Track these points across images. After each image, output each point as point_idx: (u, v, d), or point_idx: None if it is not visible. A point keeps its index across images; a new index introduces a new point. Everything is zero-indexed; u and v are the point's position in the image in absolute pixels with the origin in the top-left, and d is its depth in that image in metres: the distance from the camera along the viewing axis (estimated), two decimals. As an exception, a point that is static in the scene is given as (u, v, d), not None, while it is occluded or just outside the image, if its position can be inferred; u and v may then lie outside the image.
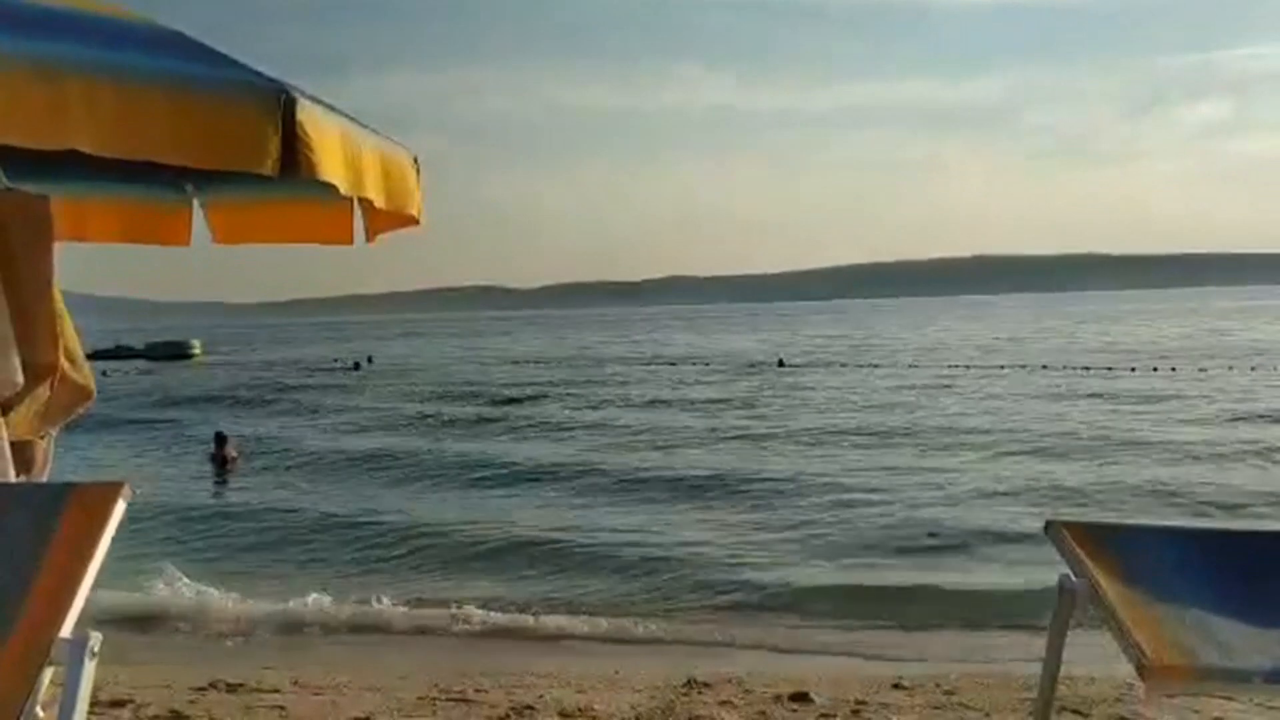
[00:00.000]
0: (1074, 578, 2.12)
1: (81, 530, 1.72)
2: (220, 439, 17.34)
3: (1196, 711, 4.74)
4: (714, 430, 20.21)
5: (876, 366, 37.70)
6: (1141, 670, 1.91)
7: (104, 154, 2.26)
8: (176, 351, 62.74)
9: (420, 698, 5.19)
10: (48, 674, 1.59)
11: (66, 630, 1.60)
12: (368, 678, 5.74)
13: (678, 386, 31.41)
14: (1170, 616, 2.01)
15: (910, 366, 36.93)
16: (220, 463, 16.82)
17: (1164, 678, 1.92)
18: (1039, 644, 2.44)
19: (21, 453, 3.20)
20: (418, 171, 3.20)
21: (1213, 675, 1.95)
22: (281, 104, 2.31)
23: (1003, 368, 34.79)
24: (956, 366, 35.65)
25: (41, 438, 3.24)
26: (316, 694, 5.37)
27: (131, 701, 4.99)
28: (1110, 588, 2.05)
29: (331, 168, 2.46)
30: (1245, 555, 2.26)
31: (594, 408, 26.09)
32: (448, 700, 5.15)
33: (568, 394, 30.16)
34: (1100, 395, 24.64)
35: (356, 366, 46.37)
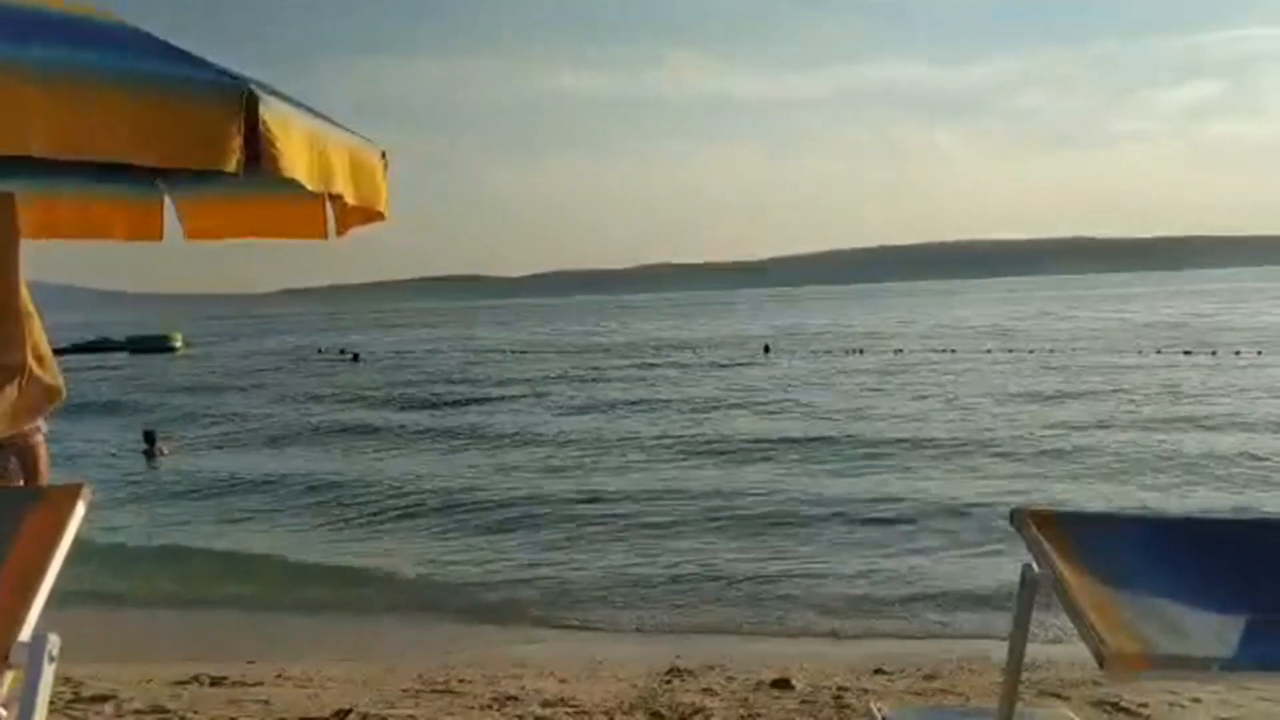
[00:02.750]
0: (1036, 566, 2.14)
1: (41, 533, 1.71)
2: (149, 436, 18.21)
3: (1174, 692, 4.79)
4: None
5: (862, 353, 37.79)
6: (1100, 658, 1.93)
7: (63, 157, 2.24)
8: (157, 344, 62.55)
9: (404, 689, 5.20)
10: (8, 677, 1.59)
11: (26, 634, 1.59)
12: (351, 670, 5.74)
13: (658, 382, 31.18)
14: (1131, 604, 2.03)
15: (897, 352, 37.03)
16: (152, 456, 17.76)
17: (1123, 666, 1.94)
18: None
19: (23, 455, 3.23)
20: (385, 166, 3.19)
21: (1171, 664, 1.97)
22: (244, 101, 2.30)
23: (989, 351, 34.96)
24: (944, 352, 35.74)
25: (44, 438, 3.27)
26: (300, 686, 5.37)
27: (114, 696, 4.99)
28: (1072, 575, 2.06)
29: (296, 165, 2.45)
30: (1208, 543, 2.28)
31: (577, 401, 26.03)
32: (431, 692, 5.16)
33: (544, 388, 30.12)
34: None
35: (356, 358, 46.25)
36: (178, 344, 63.89)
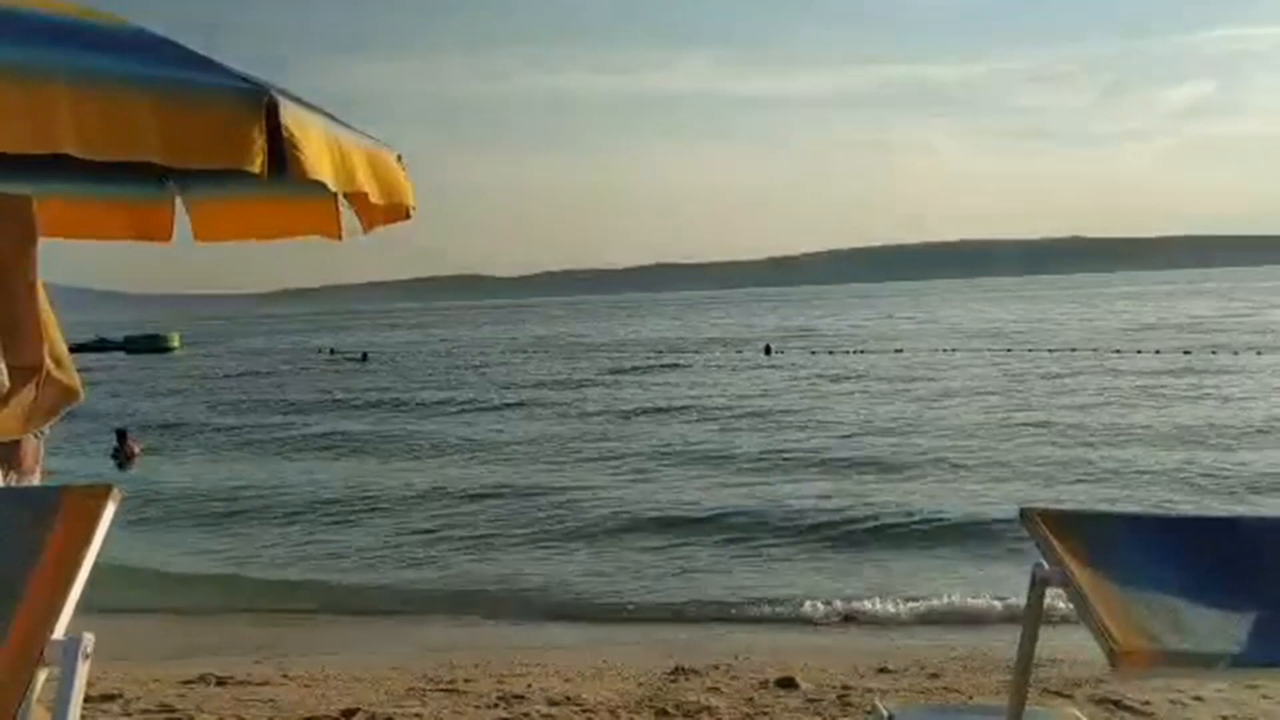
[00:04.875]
0: (1046, 565, 2.17)
1: (73, 533, 1.74)
2: (121, 435, 17.98)
3: (1178, 690, 4.82)
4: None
5: (865, 353, 37.87)
6: (1111, 655, 1.96)
7: (91, 157, 2.28)
8: (155, 345, 62.70)
9: (409, 688, 5.22)
10: (42, 675, 1.61)
11: (59, 632, 1.62)
12: (357, 669, 5.75)
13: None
14: (1139, 602, 2.05)
15: (897, 351, 37.09)
16: (123, 457, 17.49)
17: (1133, 663, 1.97)
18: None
19: (7, 452, 3.21)
20: (404, 169, 3.22)
21: (1180, 660, 2.00)
22: (265, 105, 2.34)
23: (985, 350, 35.05)
24: (948, 351, 35.82)
25: (37, 436, 3.25)
26: (306, 685, 5.38)
27: (121, 696, 5.01)
28: (1081, 574, 2.09)
29: (320, 167, 2.49)
30: (1214, 541, 2.31)
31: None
32: (437, 690, 5.17)
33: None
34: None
35: (364, 358, 46.16)
36: (175, 344, 64.00)
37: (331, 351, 52.36)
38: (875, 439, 16.69)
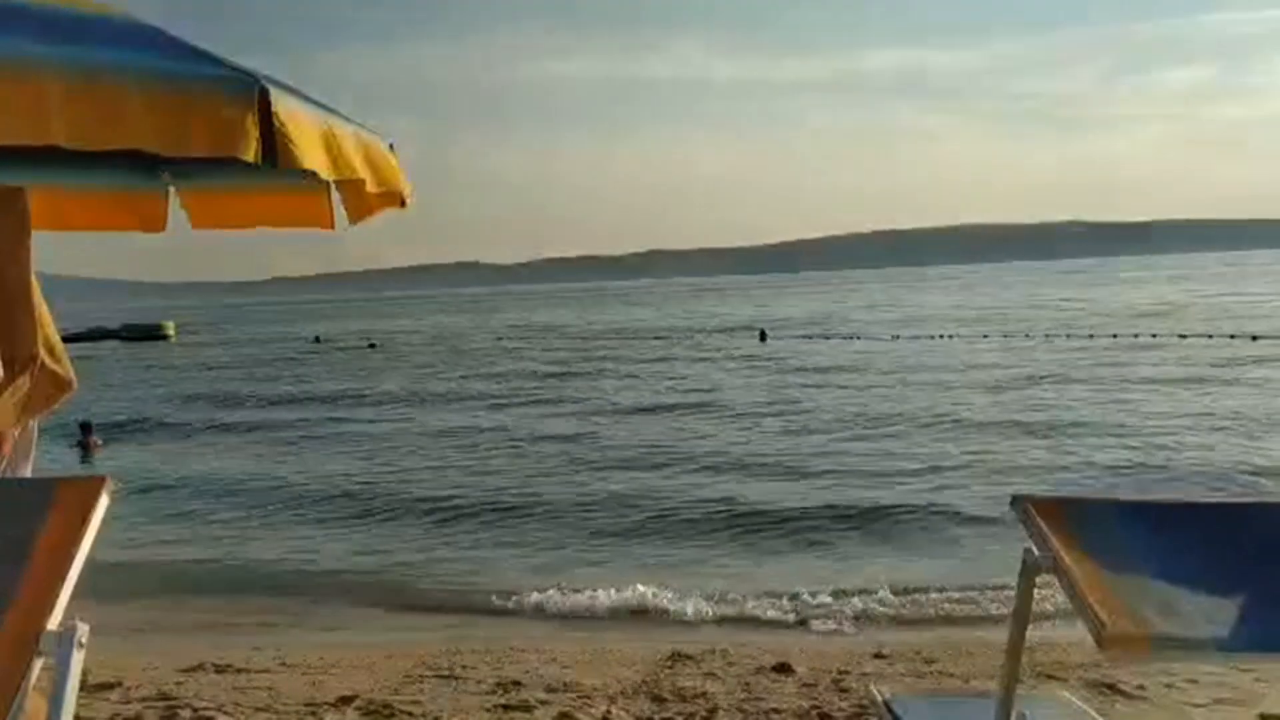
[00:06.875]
0: (1037, 551, 2.19)
1: (67, 524, 1.75)
2: (85, 428, 17.84)
3: (1171, 674, 4.85)
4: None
5: (857, 338, 37.87)
6: (1100, 640, 1.97)
7: (83, 148, 2.28)
8: (150, 333, 63.06)
9: (407, 675, 5.24)
10: (37, 665, 1.63)
11: (54, 623, 1.63)
12: (355, 656, 5.78)
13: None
14: (1128, 587, 2.07)
15: (893, 338, 37.08)
16: (85, 449, 17.42)
17: (1121, 647, 1.98)
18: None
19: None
20: (395, 156, 3.22)
21: (1168, 644, 2.01)
22: (257, 95, 2.34)
23: (986, 336, 35.06)
24: (945, 338, 35.83)
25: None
26: (304, 673, 5.40)
27: (120, 684, 5.02)
28: (1071, 560, 2.11)
29: (312, 155, 2.49)
30: (1203, 527, 2.32)
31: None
32: (435, 677, 5.20)
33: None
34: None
35: (372, 346, 46.02)
36: (170, 333, 64.38)
37: (317, 339, 52.40)
38: (871, 431, 16.67)
